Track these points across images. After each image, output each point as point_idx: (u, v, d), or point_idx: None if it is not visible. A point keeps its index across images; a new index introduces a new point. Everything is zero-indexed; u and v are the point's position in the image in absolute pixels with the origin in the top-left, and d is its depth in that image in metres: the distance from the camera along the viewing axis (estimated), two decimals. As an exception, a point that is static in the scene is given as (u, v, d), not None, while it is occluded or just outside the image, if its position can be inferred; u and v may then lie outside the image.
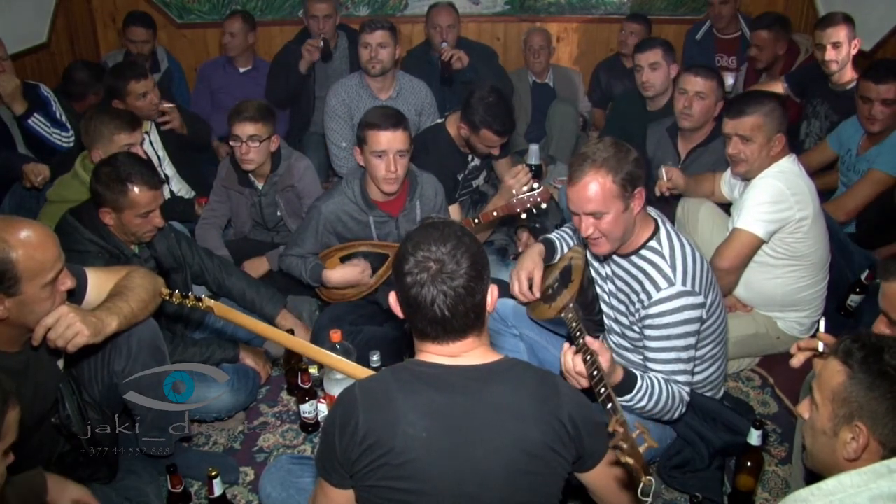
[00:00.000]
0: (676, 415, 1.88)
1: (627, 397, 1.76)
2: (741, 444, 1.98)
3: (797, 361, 1.68)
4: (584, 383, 1.58)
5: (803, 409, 1.33)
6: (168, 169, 3.29)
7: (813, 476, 1.48)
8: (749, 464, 1.96)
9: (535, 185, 2.70)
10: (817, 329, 1.70)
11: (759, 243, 2.38)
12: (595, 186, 1.80)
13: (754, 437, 1.92)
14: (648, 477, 1.14)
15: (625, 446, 1.17)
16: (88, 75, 3.51)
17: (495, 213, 2.69)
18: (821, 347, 1.62)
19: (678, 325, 1.85)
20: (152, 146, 3.22)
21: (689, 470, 2.03)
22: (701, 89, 2.83)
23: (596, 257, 2.10)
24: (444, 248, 1.26)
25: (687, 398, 1.87)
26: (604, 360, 1.60)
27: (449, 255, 1.26)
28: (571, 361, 1.62)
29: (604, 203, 1.81)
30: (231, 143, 2.82)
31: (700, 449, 2.02)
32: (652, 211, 1.98)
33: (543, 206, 2.69)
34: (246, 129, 2.75)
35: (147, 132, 3.19)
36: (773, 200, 2.33)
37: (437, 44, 3.82)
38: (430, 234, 1.29)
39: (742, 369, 2.64)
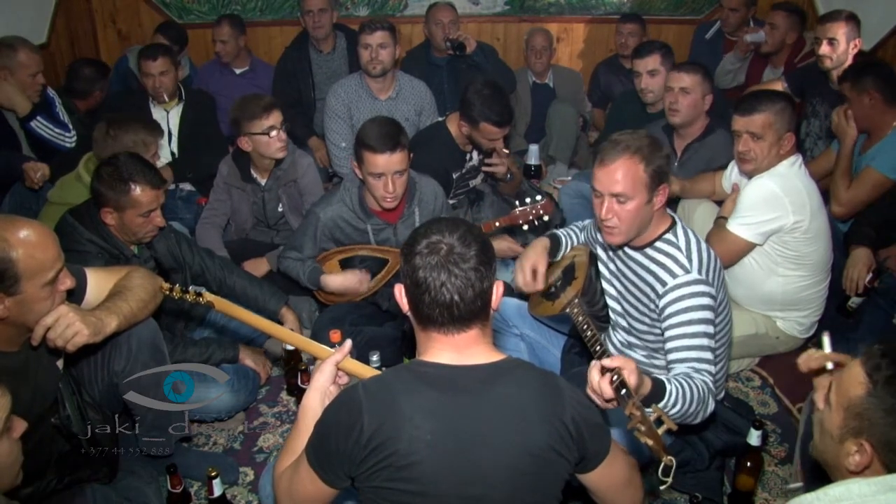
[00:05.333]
0: (709, 409, 1.74)
1: (661, 404, 1.62)
2: (741, 444, 1.98)
3: (804, 368, 1.47)
4: (612, 405, 1.44)
5: (819, 399, 1.27)
6: (174, 146, 3.39)
7: (814, 475, 1.45)
8: (749, 464, 1.97)
9: (539, 196, 2.67)
10: (820, 342, 1.48)
11: (750, 247, 2.38)
12: (626, 169, 1.82)
13: (754, 438, 1.92)
14: (670, 457, 1.14)
15: (643, 428, 1.17)
16: (93, 72, 3.52)
17: (497, 224, 2.69)
18: (829, 366, 1.44)
19: (697, 310, 1.82)
20: (167, 123, 3.35)
21: (689, 470, 2.03)
22: (685, 84, 2.83)
23: (605, 250, 2.10)
24: (454, 234, 1.30)
25: (713, 388, 1.76)
26: (630, 374, 1.47)
27: (459, 240, 1.29)
28: (598, 383, 1.44)
29: (632, 187, 1.82)
30: (259, 138, 2.78)
31: (700, 449, 2.02)
32: (668, 210, 1.99)
33: (546, 218, 2.67)
34: (273, 118, 2.76)
35: (168, 111, 3.42)
36: (764, 204, 2.32)
37: (440, 40, 3.83)
38: (439, 223, 1.34)
39: (742, 369, 2.64)
